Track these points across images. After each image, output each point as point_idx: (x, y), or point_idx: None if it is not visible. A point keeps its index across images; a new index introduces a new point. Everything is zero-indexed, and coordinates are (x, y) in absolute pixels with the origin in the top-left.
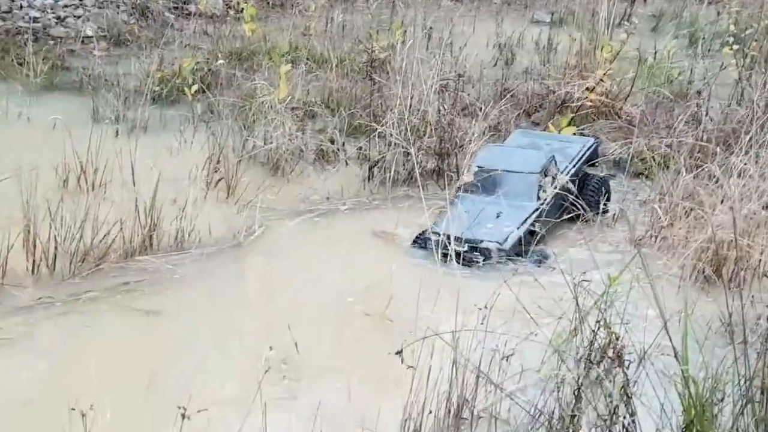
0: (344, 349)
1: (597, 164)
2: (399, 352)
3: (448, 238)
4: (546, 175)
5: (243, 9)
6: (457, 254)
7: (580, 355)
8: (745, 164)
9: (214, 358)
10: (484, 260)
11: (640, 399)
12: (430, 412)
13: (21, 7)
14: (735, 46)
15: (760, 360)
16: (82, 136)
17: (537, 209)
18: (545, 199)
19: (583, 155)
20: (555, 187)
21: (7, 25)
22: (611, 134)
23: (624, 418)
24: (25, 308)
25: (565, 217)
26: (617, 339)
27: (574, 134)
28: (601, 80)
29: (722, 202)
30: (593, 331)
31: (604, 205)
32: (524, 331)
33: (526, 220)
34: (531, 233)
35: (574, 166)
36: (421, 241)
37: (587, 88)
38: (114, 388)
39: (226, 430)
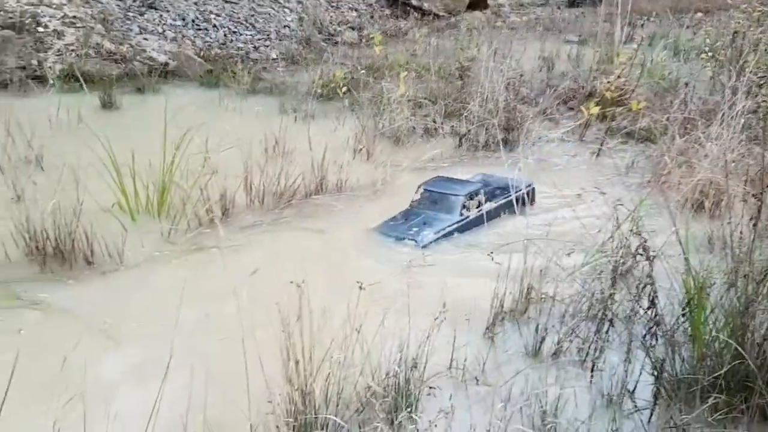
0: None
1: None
2: (491, 254)
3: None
4: (471, 198)
5: (372, 38)
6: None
7: (616, 253)
8: (721, 131)
9: (360, 253)
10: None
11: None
12: (510, 293)
13: (232, 41)
14: (710, 54)
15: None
16: (274, 121)
17: (457, 221)
18: (466, 216)
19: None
20: (479, 208)
21: (224, 52)
22: (624, 114)
23: (648, 295)
24: (247, 227)
25: None
26: (645, 240)
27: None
28: (618, 77)
29: (705, 156)
30: (625, 237)
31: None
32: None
33: (444, 228)
34: (448, 235)
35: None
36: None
37: (608, 82)
38: (309, 270)
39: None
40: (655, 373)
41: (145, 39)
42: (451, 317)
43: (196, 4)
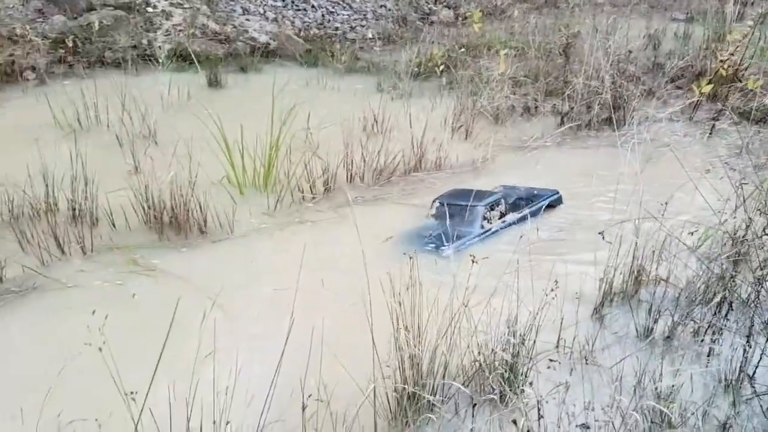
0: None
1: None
2: (601, 233)
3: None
4: (492, 210)
5: (467, 17)
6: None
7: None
8: None
9: None
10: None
11: None
12: (620, 273)
13: (329, 21)
14: None
15: None
16: (372, 100)
17: (477, 235)
18: (488, 228)
19: (541, 199)
20: (502, 219)
21: (322, 32)
22: (737, 94)
23: None
24: (345, 203)
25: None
26: None
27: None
28: (732, 54)
29: None
30: (749, 217)
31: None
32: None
33: (465, 242)
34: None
35: (528, 206)
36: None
37: (721, 61)
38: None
39: None
40: None
41: (247, 20)
42: (559, 296)
43: None
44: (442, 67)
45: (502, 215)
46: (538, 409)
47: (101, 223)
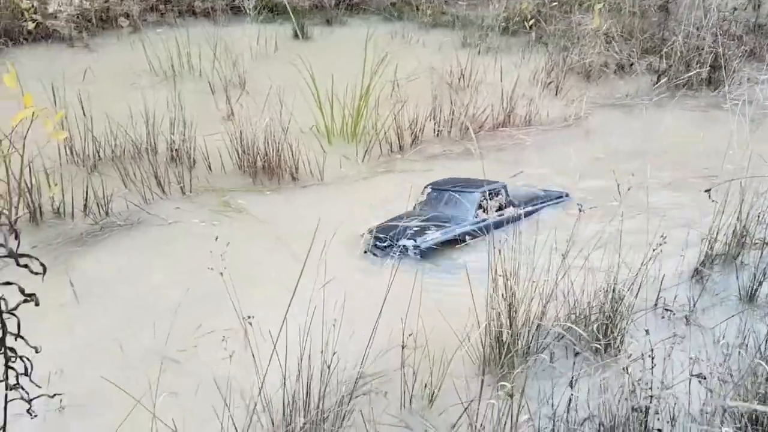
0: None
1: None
2: (708, 191)
3: (376, 237)
4: (490, 198)
5: None
6: (379, 247)
7: None
8: None
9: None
10: (400, 255)
11: None
12: (724, 235)
13: None
14: None
15: None
16: (458, 54)
17: (472, 224)
18: (483, 219)
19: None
20: (500, 212)
21: None
22: None
23: None
24: (435, 155)
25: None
26: None
27: None
28: None
29: None
30: None
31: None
32: None
33: (454, 231)
34: (456, 241)
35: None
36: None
37: None
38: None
39: None
40: None
41: None
42: (659, 257)
43: None
44: (531, 22)
45: (501, 208)
46: (652, 358)
47: (198, 165)
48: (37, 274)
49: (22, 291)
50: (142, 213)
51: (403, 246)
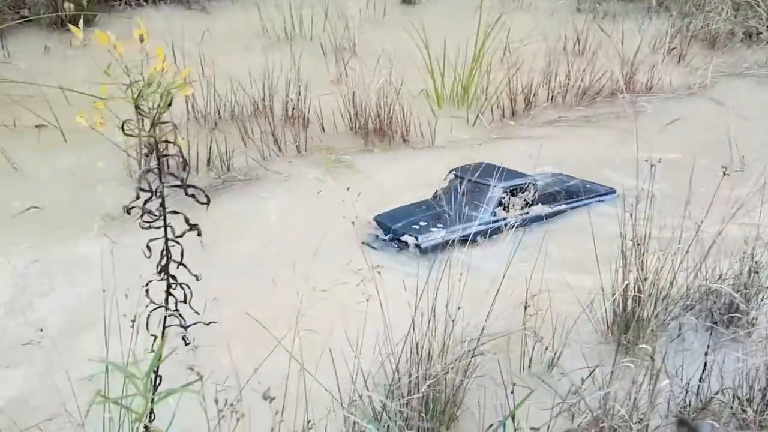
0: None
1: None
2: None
3: (379, 226)
4: (513, 195)
5: None
6: (380, 239)
7: None
8: None
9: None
10: (399, 249)
11: None
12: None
13: None
14: None
15: None
16: (573, 19)
17: (486, 222)
18: (501, 218)
19: (590, 195)
20: (524, 210)
21: None
22: None
23: None
24: (550, 122)
25: None
26: None
27: None
28: None
29: None
30: None
31: None
32: None
33: (462, 229)
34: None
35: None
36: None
37: None
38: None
39: None
40: None
41: None
42: None
43: None
44: None
45: (528, 205)
46: None
47: (312, 125)
48: (202, 203)
49: (187, 221)
50: (260, 169)
51: (404, 242)
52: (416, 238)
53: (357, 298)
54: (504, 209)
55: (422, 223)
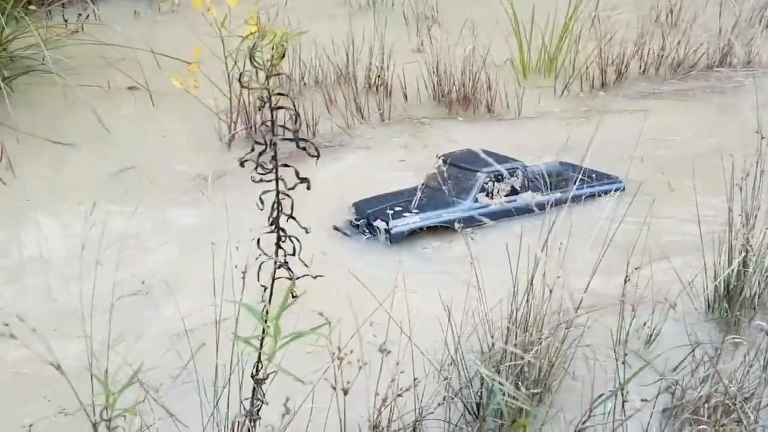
0: None
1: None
2: None
3: (356, 211)
4: (498, 181)
5: None
6: (353, 225)
7: None
8: None
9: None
10: (370, 234)
11: None
12: None
13: None
14: None
15: None
16: None
17: (467, 209)
18: (484, 205)
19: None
20: (510, 197)
21: None
22: None
23: None
24: (642, 95)
25: None
26: None
27: None
28: None
29: None
30: None
31: None
32: None
33: (438, 215)
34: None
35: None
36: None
37: None
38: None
39: None
40: None
41: None
42: None
43: None
44: None
45: (515, 192)
46: None
47: (395, 94)
48: (313, 156)
49: (297, 174)
50: (344, 136)
51: (375, 228)
52: (387, 223)
53: (457, 262)
54: (488, 196)
55: (398, 209)
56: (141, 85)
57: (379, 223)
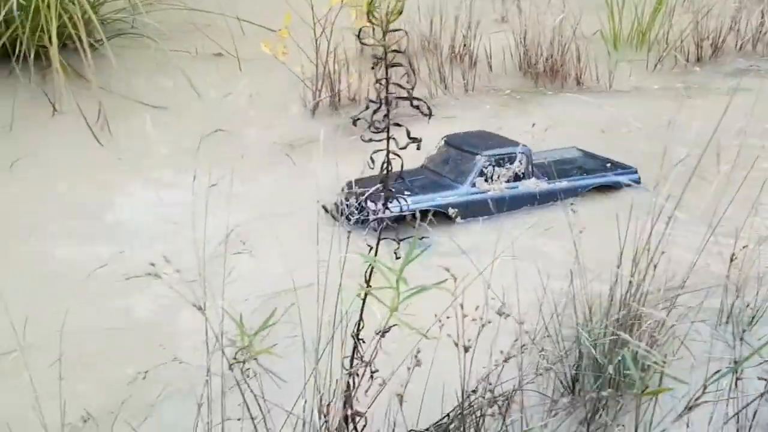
0: None
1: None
2: None
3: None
4: (499, 165)
5: None
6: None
7: None
8: None
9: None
10: (360, 217)
11: None
12: None
13: None
14: None
15: None
16: None
17: (463, 194)
18: (483, 191)
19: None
20: (510, 183)
21: None
22: None
23: None
24: (738, 71)
25: None
26: None
27: None
28: None
29: None
30: None
31: None
32: None
33: (431, 200)
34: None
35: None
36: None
37: None
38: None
39: None
40: None
41: None
42: None
43: None
44: None
45: (518, 178)
46: None
47: (479, 65)
48: (425, 115)
49: (408, 134)
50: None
51: (367, 209)
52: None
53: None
54: (487, 181)
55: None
56: (228, 51)
57: (371, 205)
